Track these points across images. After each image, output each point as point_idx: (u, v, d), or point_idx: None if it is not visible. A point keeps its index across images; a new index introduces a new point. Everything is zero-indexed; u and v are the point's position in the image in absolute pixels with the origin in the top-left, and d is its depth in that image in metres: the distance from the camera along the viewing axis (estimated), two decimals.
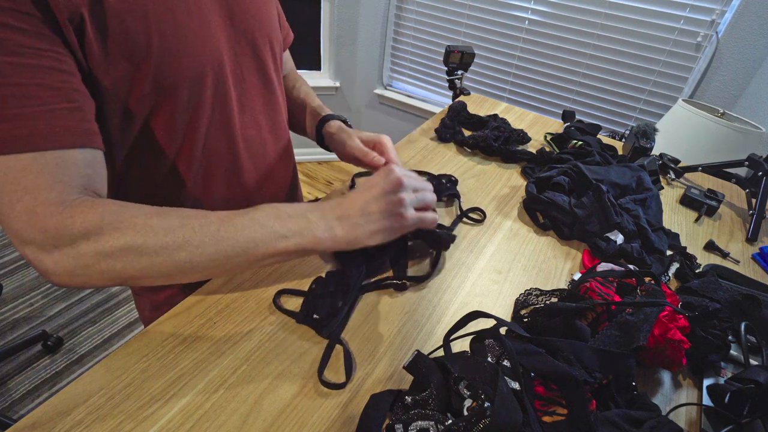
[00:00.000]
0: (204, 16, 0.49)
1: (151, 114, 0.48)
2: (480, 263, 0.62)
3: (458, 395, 0.37)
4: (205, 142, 0.55)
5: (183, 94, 0.49)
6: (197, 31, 0.48)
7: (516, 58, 2.04)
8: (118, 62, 0.43)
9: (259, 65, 0.58)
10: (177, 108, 0.49)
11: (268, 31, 0.59)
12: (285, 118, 0.68)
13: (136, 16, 0.42)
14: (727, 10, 1.52)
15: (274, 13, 0.62)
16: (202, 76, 0.50)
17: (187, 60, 0.47)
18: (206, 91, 0.51)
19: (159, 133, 0.51)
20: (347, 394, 0.43)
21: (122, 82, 0.44)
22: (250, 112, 0.59)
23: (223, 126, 0.56)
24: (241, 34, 0.54)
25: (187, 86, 0.49)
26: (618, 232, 0.65)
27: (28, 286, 1.66)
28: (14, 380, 1.36)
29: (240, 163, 0.60)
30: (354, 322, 0.50)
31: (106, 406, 0.39)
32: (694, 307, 0.52)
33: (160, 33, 0.44)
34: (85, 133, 0.40)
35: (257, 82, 0.59)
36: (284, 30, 0.71)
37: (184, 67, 0.47)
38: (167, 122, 0.50)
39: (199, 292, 0.51)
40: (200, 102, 0.51)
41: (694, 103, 1.38)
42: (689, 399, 0.48)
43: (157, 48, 0.44)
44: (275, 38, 0.61)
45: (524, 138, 0.95)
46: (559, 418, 0.36)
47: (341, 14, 2.32)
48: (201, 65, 0.49)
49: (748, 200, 0.86)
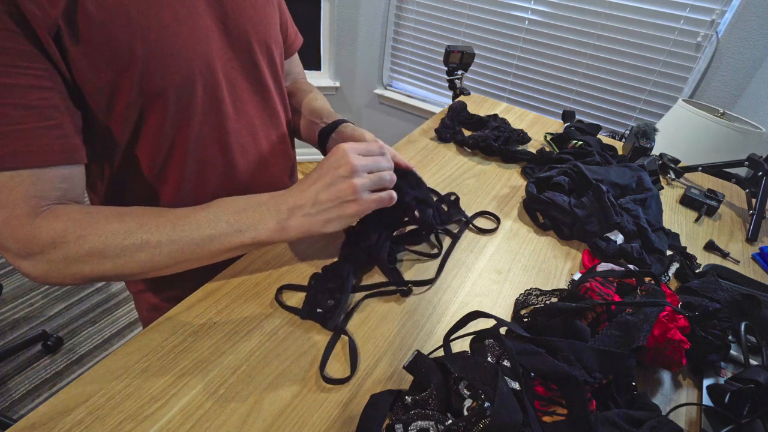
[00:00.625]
0: (194, 21, 0.48)
1: (140, 120, 0.48)
2: (480, 263, 0.62)
3: (458, 395, 0.37)
4: (196, 148, 0.54)
5: (171, 100, 0.48)
6: (186, 37, 0.47)
7: (516, 58, 2.04)
8: (101, 70, 0.42)
9: (254, 70, 0.58)
10: (165, 116, 0.49)
11: (265, 35, 0.58)
12: (284, 122, 0.67)
13: (119, 23, 0.42)
14: (727, 10, 1.52)
15: (273, 16, 0.61)
16: (191, 82, 0.49)
17: (173, 66, 0.47)
18: (196, 96, 0.50)
19: (147, 139, 0.50)
20: (347, 394, 0.43)
21: (107, 89, 0.44)
22: (245, 117, 0.58)
23: (216, 131, 0.55)
24: (236, 38, 0.54)
25: (175, 92, 0.48)
26: (618, 232, 0.65)
27: (28, 286, 1.66)
28: (14, 380, 1.36)
29: (235, 168, 0.59)
30: (354, 322, 0.50)
31: (106, 406, 0.39)
32: (694, 307, 0.52)
33: (144, 39, 0.44)
34: (61, 150, 0.42)
35: (252, 87, 0.58)
36: (291, 35, 0.70)
37: (171, 73, 0.47)
38: (156, 128, 0.49)
39: (199, 292, 0.51)
40: (190, 108, 0.50)
41: (694, 103, 1.38)
42: (689, 399, 0.48)
43: (142, 54, 0.44)
44: (273, 42, 0.60)
45: (524, 138, 0.95)
46: (559, 418, 0.36)
47: (341, 14, 2.32)
48: (189, 70, 0.48)
49: (748, 200, 0.86)
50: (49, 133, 0.40)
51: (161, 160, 0.53)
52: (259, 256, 0.57)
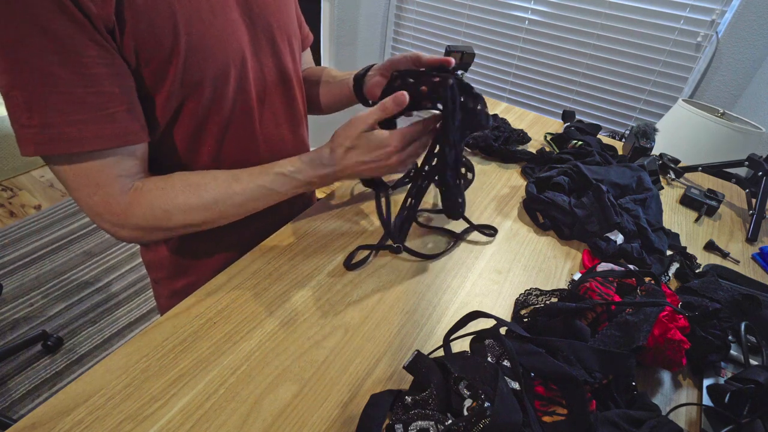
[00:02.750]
0: (226, 15, 0.50)
1: (178, 110, 0.50)
2: (480, 263, 0.62)
3: (458, 395, 0.37)
4: (225, 138, 0.56)
5: (206, 91, 0.51)
6: (221, 29, 0.49)
7: (516, 58, 2.04)
8: (148, 62, 0.45)
9: (277, 61, 0.60)
10: (199, 104, 0.51)
11: (287, 28, 0.60)
12: (303, 114, 0.70)
13: (164, 17, 0.44)
14: (727, 10, 1.52)
15: (292, 11, 0.64)
16: (226, 73, 0.51)
17: (212, 57, 0.49)
18: (229, 87, 0.53)
19: (181, 128, 0.52)
20: (347, 394, 0.43)
21: (152, 81, 0.46)
22: (270, 107, 0.61)
23: (244, 121, 0.57)
24: (260, 30, 0.56)
25: (211, 83, 0.50)
26: (618, 232, 0.65)
27: (28, 286, 1.66)
28: (14, 380, 1.36)
29: (259, 158, 0.61)
30: (354, 322, 0.50)
31: (106, 406, 0.39)
32: (694, 307, 0.52)
33: (187, 32, 0.46)
34: (138, 131, 0.47)
35: (276, 78, 0.61)
36: (304, 31, 0.73)
37: (210, 65, 0.49)
38: (189, 117, 0.52)
39: (199, 292, 0.51)
40: (222, 98, 0.53)
41: (694, 103, 1.38)
42: (689, 399, 0.48)
43: (185, 46, 0.46)
44: (293, 35, 0.63)
45: (524, 138, 0.95)
46: (559, 418, 0.36)
47: (341, 14, 2.32)
48: (225, 62, 0.51)
49: (748, 200, 0.86)
50: (126, 117, 0.45)
51: (189, 149, 0.55)
52: (260, 256, 0.57)
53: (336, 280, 0.56)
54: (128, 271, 1.77)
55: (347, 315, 0.51)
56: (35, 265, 1.74)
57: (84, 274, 1.73)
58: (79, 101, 0.41)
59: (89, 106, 0.41)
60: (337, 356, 0.46)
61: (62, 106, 0.40)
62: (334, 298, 0.53)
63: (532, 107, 2.08)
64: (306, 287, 0.54)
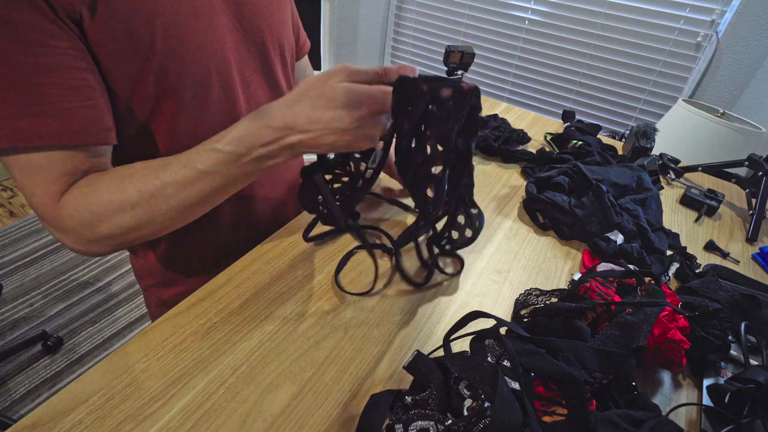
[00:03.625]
0: (211, 19, 0.49)
1: (152, 114, 0.49)
2: (480, 263, 0.61)
3: (458, 395, 0.37)
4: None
5: (186, 96, 0.49)
6: (203, 34, 0.48)
7: (516, 58, 2.04)
8: (121, 62, 0.43)
9: (267, 69, 0.59)
10: (181, 109, 0.50)
11: (279, 35, 0.59)
12: None
13: (142, 17, 0.43)
14: (727, 10, 1.52)
15: (287, 17, 0.62)
16: (207, 79, 0.50)
17: (190, 62, 0.48)
18: (211, 93, 0.51)
19: (159, 135, 0.51)
20: (347, 394, 0.43)
21: (125, 81, 0.45)
22: None
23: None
24: (251, 37, 0.55)
25: (191, 88, 0.49)
26: (618, 232, 0.65)
27: (28, 286, 1.66)
28: (14, 380, 1.36)
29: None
30: (354, 322, 0.50)
31: (106, 406, 0.39)
32: (694, 307, 0.52)
33: (164, 34, 0.44)
34: (96, 131, 0.43)
35: (265, 85, 0.59)
36: (302, 38, 0.72)
37: (188, 69, 0.48)
38: (168, 124, 0.50)
39: (199, 292, 0.51)
40: (205, 104, 0.51)
41: (694, 103, 1.38)
42: (689, 399, 0.48)
43: (161, 49, 0.45)
44: (286, 42, 0.61)
45: (524, 138, 0.95)
46: (559, 418, 0.36)
47: (341, 14, 2.32)
48: (205, 67, 0.49)
49: (748, 200, 0.86)
50: (86, 113, 0.41)
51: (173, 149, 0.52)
52: (260, 256, 0.57)
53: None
54: (128, 271, 1.77)
55: (347, 315, 0.51)
56: (35, 265, 1.74)
57: (84, 274, 1.73)
58: (32, 92, 0.38)
59: (44, 98, 0.39)
60: (337, 356, 0.46)
61: (15, 97, 0.38)
62: (334, 298, 0.53)
63: (532, 107, 2.08)
64: (306, 287, 0.54)
